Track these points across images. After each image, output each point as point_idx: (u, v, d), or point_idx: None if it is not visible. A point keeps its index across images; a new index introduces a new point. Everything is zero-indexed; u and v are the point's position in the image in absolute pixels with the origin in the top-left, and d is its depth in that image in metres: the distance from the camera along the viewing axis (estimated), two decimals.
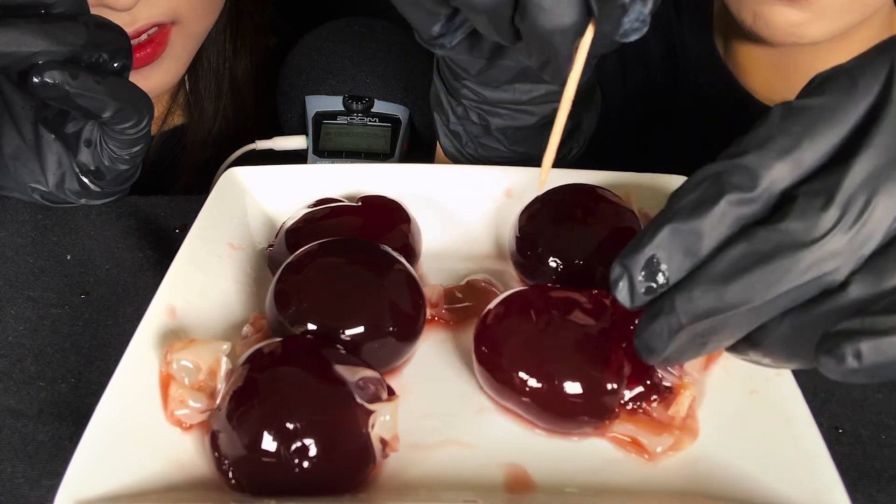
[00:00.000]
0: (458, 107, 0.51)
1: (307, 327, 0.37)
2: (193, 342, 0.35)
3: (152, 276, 0.48)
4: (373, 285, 0.39)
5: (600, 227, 0.43)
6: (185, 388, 0.34)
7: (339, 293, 0.38)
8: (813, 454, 0.32)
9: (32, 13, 0.44)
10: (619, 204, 0.44)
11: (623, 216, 0.44)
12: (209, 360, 0.34)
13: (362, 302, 0.38)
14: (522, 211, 0.45)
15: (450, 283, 0.45)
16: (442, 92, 0.52)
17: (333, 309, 0.37)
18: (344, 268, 0.39)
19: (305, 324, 0.37)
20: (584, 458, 0.35)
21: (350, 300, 0.38)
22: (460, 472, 0.35)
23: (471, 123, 0.52)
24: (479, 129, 0.52)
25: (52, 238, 0.50)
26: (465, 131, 0.53)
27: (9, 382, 0.41)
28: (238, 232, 0.46)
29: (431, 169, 0.50)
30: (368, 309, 0.38)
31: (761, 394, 0.35)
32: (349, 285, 0.38)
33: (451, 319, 0.42)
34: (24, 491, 0.35)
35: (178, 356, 0.35)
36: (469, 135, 0.53)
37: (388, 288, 0.39)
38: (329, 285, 0.38)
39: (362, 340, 0.37)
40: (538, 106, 0.49)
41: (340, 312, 0.37)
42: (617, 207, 0.44)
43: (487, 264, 0.48)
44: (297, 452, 0.31)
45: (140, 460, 0.32)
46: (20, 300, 0.46)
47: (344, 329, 0.37)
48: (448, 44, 0.42)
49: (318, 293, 0.38)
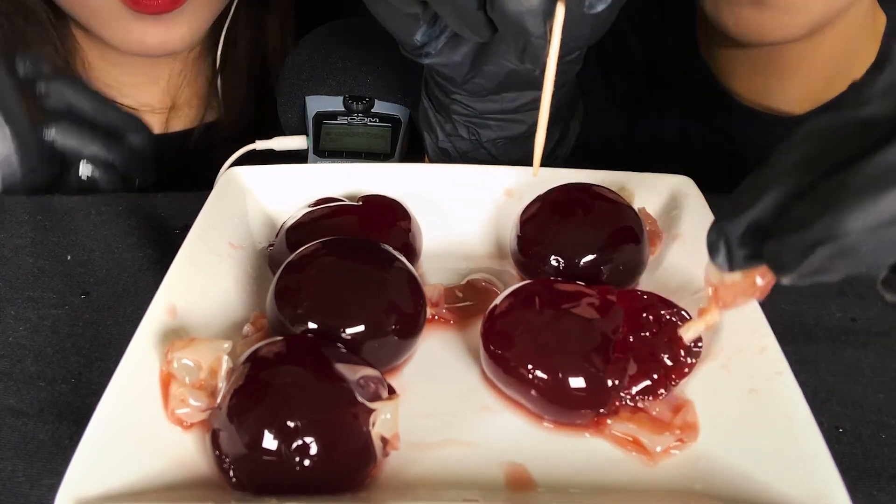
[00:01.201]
0: (446, 124, 0.52)
1: (308, 326, 0.37)
2: (194, 341, 0.35)
3: (152, 276, 0.48)
4: (373, 284, 0.39)
5: (601, 224, 0.43)
6: (185, 387, 0.34)
7: (339, 292, 0.38)
8: (813, 454, 0.32)
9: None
10: (618, 201, 0.44)
11: (623, 214, 0.44)
12: (210, 358, 0.34)
13: (363, 301, 0.38)
14: (523, 210, 0.45)
15: (450, 282, 0.45)
16: (430, 111, 0.53)
17: (334, 308, 0.37)
18: (344, 267, 0.39)
19: (306, 323, 0.37)
20: (584, 457, 0.35)
21: (350, 299, 0.38)
22: (461, 471, 0.35)
23: (460, 139, 0.53)
24: (468, 144, 0.53)
25: (52, 238, 0.50)
26: (453, 147, 0.54)
27: (9, 383, 0.41)
28: (238, 231, 0.46)
29: (431, 169, 0.50)
30: (369, 308, 0.38)
31: (761, 394, 0.35)
32: (349, 284, 0.38)
33: (452, 319, 0.42)
34: (25, 490, 0.35)
35: (179, 355, 0.35)
36: (458, 151, 0.54)
37: (389, 286, 0.39)
38: (329, 284, 0.38)
39: (363, 339, 0.37)
40: (526, 114, 0.50)
41: (341, 311, 0.37)
42: (617, 205, 0.44)
43: (487, 264, 0.48)
44: (298, 451, 0.31)
45: (141, 459, 0.32)
46: (20, 301, 0.46)
47: (345, 328, 0.37)
48: (432, 51, 0.44)
49: (319, 292, 0.38)
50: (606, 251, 0.42)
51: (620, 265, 0.42)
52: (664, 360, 0.37)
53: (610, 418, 0.36)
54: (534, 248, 0.43)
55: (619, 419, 0.36)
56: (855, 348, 0.43)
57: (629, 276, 0.43)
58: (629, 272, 0.43)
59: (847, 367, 0.42)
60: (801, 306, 0.46)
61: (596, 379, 0.36)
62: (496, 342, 0.38)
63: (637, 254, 0.43)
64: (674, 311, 0.38)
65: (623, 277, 0.43)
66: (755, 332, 0.37)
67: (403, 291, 0.39)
